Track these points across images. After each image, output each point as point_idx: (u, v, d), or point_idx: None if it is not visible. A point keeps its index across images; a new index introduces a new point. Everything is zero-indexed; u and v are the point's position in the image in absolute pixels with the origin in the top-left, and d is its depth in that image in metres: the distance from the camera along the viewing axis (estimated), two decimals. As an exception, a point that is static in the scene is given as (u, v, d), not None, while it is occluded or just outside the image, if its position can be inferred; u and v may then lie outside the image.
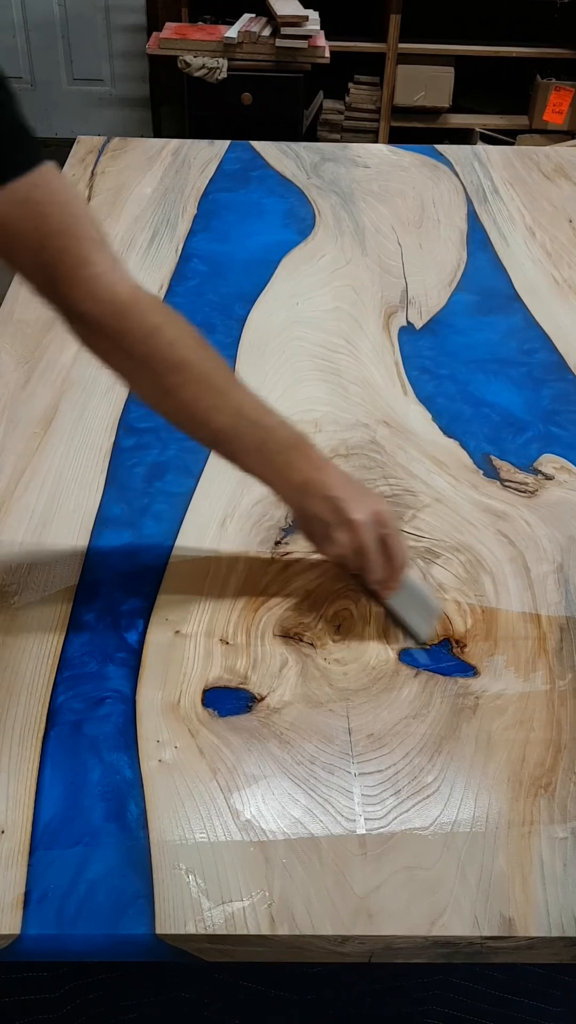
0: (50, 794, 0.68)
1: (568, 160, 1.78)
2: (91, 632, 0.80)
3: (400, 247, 1.45)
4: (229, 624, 0.82)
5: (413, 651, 0.80)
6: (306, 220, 1.51)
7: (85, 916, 0.61)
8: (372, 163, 1.74)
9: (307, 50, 3.05)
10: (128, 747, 0.71)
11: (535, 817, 0.67)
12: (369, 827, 0.66)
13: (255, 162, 1.72)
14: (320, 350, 1.20)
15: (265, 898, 0.62)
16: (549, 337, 1.23)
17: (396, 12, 3.36)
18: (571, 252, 1.45)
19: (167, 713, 0.74)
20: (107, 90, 3.89)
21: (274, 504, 0.94)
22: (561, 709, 0.75)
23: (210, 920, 0.61)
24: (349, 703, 0.75)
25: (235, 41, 3.02)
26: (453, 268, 1.40)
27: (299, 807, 0.67)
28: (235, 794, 0.68)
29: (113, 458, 1.00)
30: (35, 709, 0.74)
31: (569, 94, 3.52)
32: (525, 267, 1.40)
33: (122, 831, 0.65)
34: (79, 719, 0.73)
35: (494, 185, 1.66)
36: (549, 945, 0.61)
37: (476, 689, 0.77)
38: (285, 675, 0.77)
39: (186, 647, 0.79)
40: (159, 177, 1.64)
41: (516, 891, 0.63)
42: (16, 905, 0.61)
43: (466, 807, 0.68)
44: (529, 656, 0.79)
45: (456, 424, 1.07)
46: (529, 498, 0.96)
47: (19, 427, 1.05)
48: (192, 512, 0.94)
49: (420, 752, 0.71)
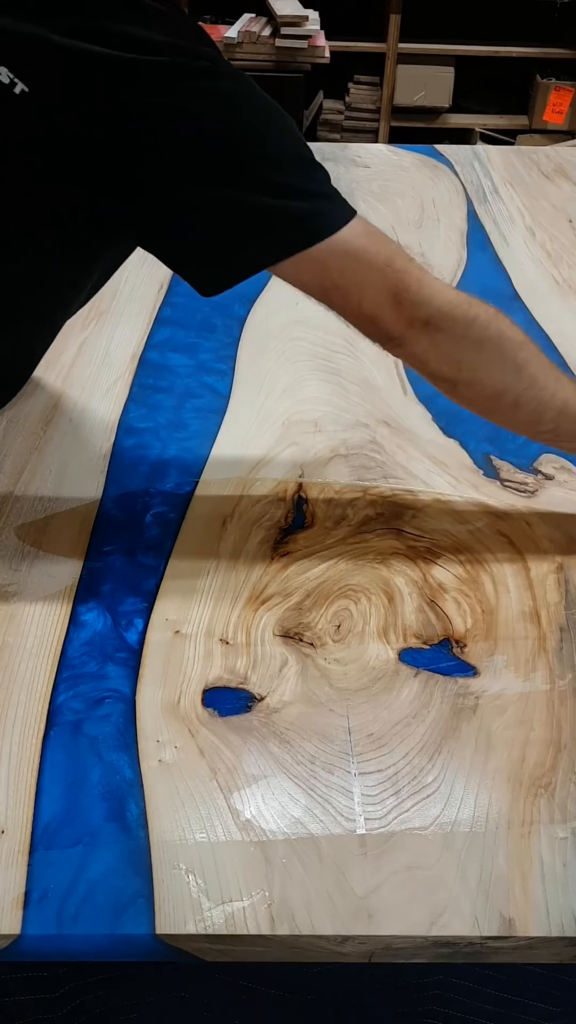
0: (50, 794, 0.68)
1: (568, 160, 1.78)
2: (91, 632, 0.80)
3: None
4: (229, 624, 0.82)
5: (413, 651, 0.80)
6: (306, 220, 1.51)
7: (85, 916, 0.61)
8: (372, 163, 1.74)
9: (307, 50, 3.05)
10: (128, 747, 0.71)
11: (535, 817, 0.67)
12: (369, 827, 0.66)
13: (255, 162, 1.72)
14: (320, 350, 1.20)
15: (265, 898, 0.62)
16: (549, 337, 1.23)
17: (396, 12, 3.36)
18: (571, 252, 1.45)
19: (167, 713, 0.74)
20: (107, 90, 3.89)
21: (274, 504, 0.95)
22: (561, 709, 0.75)
23: (210, 920, 0.61)
24: (349, 703, 0.75)
25: (235, 41, 3.02)
26: (453, 268, 1.40)
27: (299, 807, 0.67)
28: (235, 794, 0.68)
29: (113, 458, 1.00)
30: (35, 709, 0.74)
31: (569, 94, 3.52)
32: (525, 267, 1.40)
33: (122, 831, 0.65)
34: (79, 719, 0.73)
35: (494, 185, 1.66)
36: (549, 945, 0.61)
37: (476, 689, 0.77)
38: (285, 675, 0.77)
39: (186, 647, 0.79)
40: (159, 177, 1.63)
41: (516, 891, 0.63)
42: (16, 905, 0.61)
43: (466, 807, 0.68)
44: (529, 656, 0.79)
45: (456, 424, 1.07)
46: (529, 498, 0.96)
47: (19, 427, 1.05)
48: (192, 512, 0.94)
49: (420, 752, 0.71)
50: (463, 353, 0.80)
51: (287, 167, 0.75)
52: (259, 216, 0.74)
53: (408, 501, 0.96)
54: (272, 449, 1.03)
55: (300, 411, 1.08)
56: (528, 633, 0.81)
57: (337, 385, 1.13)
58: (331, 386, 1.13)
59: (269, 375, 1.15)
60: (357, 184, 1.64)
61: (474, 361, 0.80)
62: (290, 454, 1.02)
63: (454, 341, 0.79)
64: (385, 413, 1.09)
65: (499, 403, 0.83)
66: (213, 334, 1.22)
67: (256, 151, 0.73)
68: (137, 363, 1.16)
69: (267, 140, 0.74)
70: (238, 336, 1.22)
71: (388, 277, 0.76)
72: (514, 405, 0.83)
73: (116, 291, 1.31)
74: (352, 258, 0.76)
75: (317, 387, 1.13)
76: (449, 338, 0.79)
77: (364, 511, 0.94)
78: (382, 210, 1.56)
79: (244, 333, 1.23)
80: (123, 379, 1.13)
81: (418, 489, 0.97)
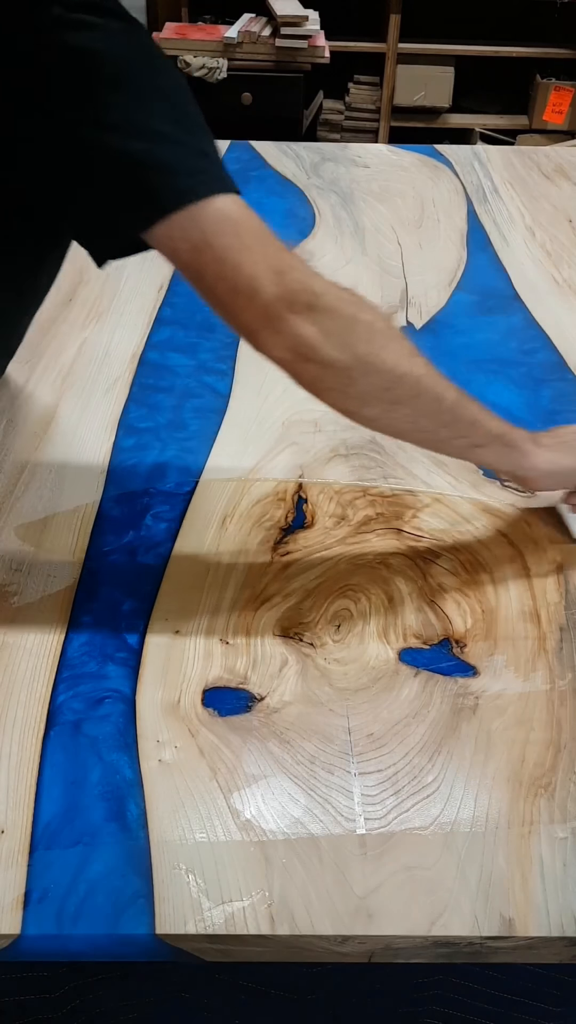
0: (50, 794, 0.68)
1: (568, 160, 1.78)
2: (91, 632, 0.80)
3: (400, 247, 1.45)
4: (229, 624, 0.82)
5: (413, 651, 0.80)
6: (306, 220, 1.51)
7: (85, 916, 0.61)
8: (372, 163, 1.74)
9: (307, 50, 3.05)
10: (128, 747, 0.71)
11: (535, 817, 0.67)
12: (369, 827, 0.66)
13: (255, 162, 1.72)
14: (320, 350, 1.20)
15: (265, 898, 0.62)
16: (549, 337, 1.23)
17: (396, 12, 3.36)
18: (571, 252, 1.45)
19: (167, 713, 0.74)
20: (107, 90, 3.89)
21: (274, 504, 0.95)
22: (561, 709, 0.75)
23: (210, 920, 0.61)
24: (349, 703, 0.75)
25: (235, 41, 3.02)
26: (453, 268, 1.40)
27: (299, 807, 0.67)
28: (235, 794, 0.68)
29: (113, 458, 1.00)
30: (35, 709, 0.74)
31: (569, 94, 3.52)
32: (525, 267, 1.40)
33: (122, 831, 0.65)
34: (79, 719, 0.73)
35: (494, 185, 1.66)
36: (549, 945, 0.61)
37: (476, 689, 0.77)
38: (285, 675, 0.77)
39: (186, 647, 0.79)
40: (159, 177, 1.63)
41: (516, 891, 0.63)
42: (16, 905, 0.61)
43: (466, 807, 0.68)
44: (529, 656, 0.79)
45: (456, 424, 1.07)
46: (529, 498, 0.96)
47: (19, 427, 1.05)
48: (192, 512, 0.94)
49: (420, 752, 0.71)
50: (355, 339, 0.72)
51: (176, 121, 0.70)
52: (142, 167, 0.68)
53: (408, 501, 0.96)
54: (272, 449, 1.03)
55: (300, 411, 1.08)
56: (528, 633, 0.81)
57: (337, 385, 1.13)
58: (331, 386, 1.13)
59: (269, 375, 1.15)
60: (357, 184, 1.64)
61: (368, 344, 0.72)
62: (290, 454, 1.02)
63: (344, 323, 0.71)
64: (385, 413, 1.09)
65: (401, 388, 0.74)
66: (213, 334, 1.22)
67: (141, 96, 0.69)
68: (137, 363, 1.16)
69: (158, 90, 0.70)
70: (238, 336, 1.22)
71: (271, 250, 0.71)
72: (415, 392, 0.75)
73: (116, 291, 1.31)
74: (234, 223, 0.70)
75: (317, 387, 1.13)
76: (338, 320, 0.71)
77: (364, 511, 0.94)
78: (382, 210, 1.56)
79: (244, 333, 1.22)
80: (123, 379, 1.13)
81: (418, 489, 0.97)
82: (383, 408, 0.76)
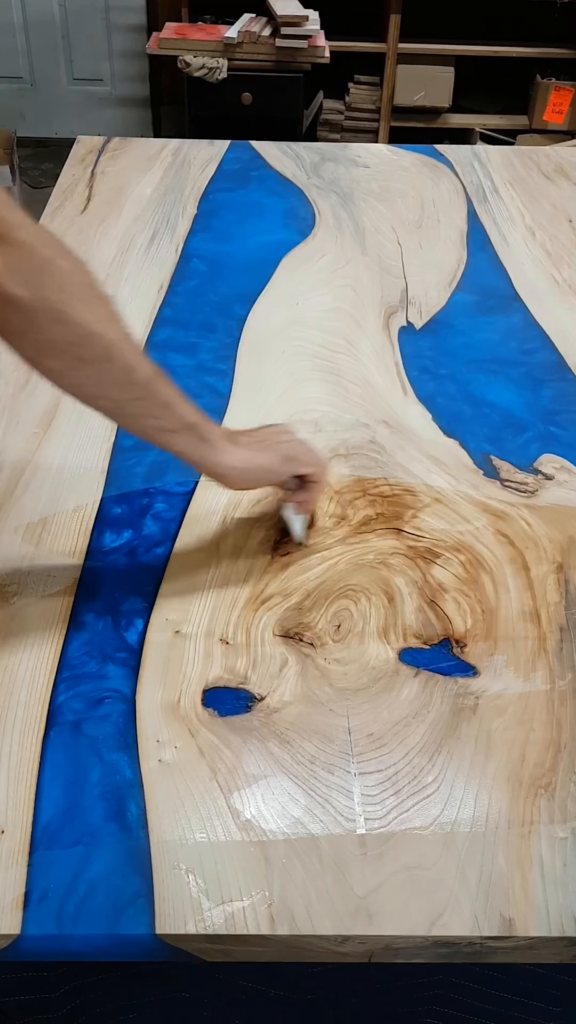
0: (50, 794, 0.68)
1: (568, 160, 1.78)
2: (91, 632, 0.80)
3: (400, 247, 1.45)
4: (229, 624, 0.82)
5: (413, 651, 0.80)
6: (306, 220, 1.51)
7: (85, 916, 0.61)
8: (372, 163, 1.74)
9: (307, 50, 3.05)
10: (128, 747, 0.71)
11: (535, 817, 0.67)
12: (369, 827, 0.66)
13: (255, 162, 1.72)
14: (320, 350, 1.20)
15: (265, 898, 0.62)
16: (549, 337, 1.23)
17: (396, 12, 3.36)
18: (571, 252, 1.45)
19: (167, 713, 0.74)
20: (107, 90, 3.90)
21: (274, 504, 0.94)
22: (561, 709, 0.75)
23: (210, 920, 0.61)
24: (349, 703, 0.75)
25: (235, 41, 3.03)
26: (453, 268, 1.40)
27: (299, 807, 0.67)
28: (235, 794, 0.68)
29: (113, 458, 1.00)
30: (35, 709, 0.74)
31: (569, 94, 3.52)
32: (525, 267, 1.40)
33: (122, 831, 0.65)
34: (79, 719, 0.73)
35: (494, 185, 1.66)
36: (549, 945, 0.61)
37: (476, 689, 0.77)
38: (285, 675, 0.77)
39: (186, 647, 0.79)
40: (159, 177, 1.64)
41: (516, 891, 0.63)
42: (16, 905, 0.61)
43: (466, 807, 0.68)
44: (529, 656, 0.79)
45: (456, 424, 1.07)
46: (529, 498, 0.96)
47: (19, 427, 1.05)
48: (192, 512, 0.94)
49: (420, 752, 0.71)
50: (45, 281, 0.67)
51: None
52: None
53: (408, 501, 0.96)
54: (272, 449, 1.03)
55: (300, 411, 1.08)
56: (528, 633, 0.81)
57: (337, 385, 1.13)
58: (331, 386, 1.13)
59: (269, 375, 1.15)
60: (357, 184, 1.64)
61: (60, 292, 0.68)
62: (290, 454, 1.02)
63: (37, 263, 0.66)
64: (385, 413, 1.09)
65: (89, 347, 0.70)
66: (213, 334, 1.22)
67: None
68: (137, 363, 1.16)
69: None
70: (238, 336, 1.22)
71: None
72: (105, 356, 0.71)
73: (116, 291, 1.31)
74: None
75: (317, 387, 1.13)
76: (30, 258, 0.66)
77: (364, 511, 0.94)
78: (382, 210, 1.56)
79: (244, 333, 1.23)
80: (123, 379, 1.13)
81: (418, 489, 0.97)
82: (68, 363, 0.72)
